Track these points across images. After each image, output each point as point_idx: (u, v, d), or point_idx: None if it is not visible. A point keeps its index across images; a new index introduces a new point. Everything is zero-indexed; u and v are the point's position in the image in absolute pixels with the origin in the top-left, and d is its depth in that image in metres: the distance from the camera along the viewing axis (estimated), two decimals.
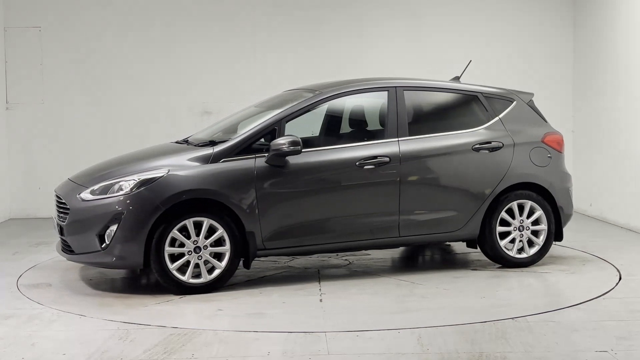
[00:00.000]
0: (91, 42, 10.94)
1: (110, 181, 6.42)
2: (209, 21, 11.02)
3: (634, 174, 9.31)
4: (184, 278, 6.30)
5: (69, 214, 6.46)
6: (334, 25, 11.13)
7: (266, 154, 6.52)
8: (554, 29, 11.25)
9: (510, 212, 7.17)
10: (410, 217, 6.88)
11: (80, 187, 6.57)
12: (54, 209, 6.86)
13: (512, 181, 7.15)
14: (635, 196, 9.28)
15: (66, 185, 6.87)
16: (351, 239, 6.79)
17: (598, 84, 10.43)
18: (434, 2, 11.20)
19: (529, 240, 7.22)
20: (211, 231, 6.36)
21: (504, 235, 7.17)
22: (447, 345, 4.94)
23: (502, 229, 7.15)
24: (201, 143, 6.82)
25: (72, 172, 7.38)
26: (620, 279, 6.79)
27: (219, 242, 6.40)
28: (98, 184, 6.45)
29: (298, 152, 6.50)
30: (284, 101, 7.09)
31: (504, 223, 7.17)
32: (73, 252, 6.51)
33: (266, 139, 6.64)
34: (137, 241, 6.19)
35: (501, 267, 7.22)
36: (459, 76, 7.82)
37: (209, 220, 6.32)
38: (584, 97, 10.95)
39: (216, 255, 6.41)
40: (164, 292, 6.40)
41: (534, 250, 7.23)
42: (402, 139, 6.93)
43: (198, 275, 6.36)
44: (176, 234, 6.27)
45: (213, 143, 6.69)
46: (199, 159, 6.49)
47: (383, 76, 7.89)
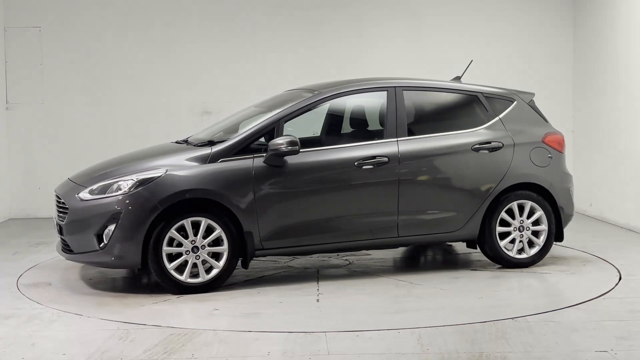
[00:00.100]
0: (91, 42, 10.94)
1: (108, 181, 6.42)
2: (209, 21, 11.02)
3: (634, 174, 9.31)
4: (181, 278, 6.31)
5: (67, 214, 6.48)
6: (334, 25, 11.13)
7: (264, 154, 6.52)
8: (554, 29, 11.25)
9: (511, 212, 7.16)
10: (409, 217, 6.88)
11: (79, 186, 6.57)
12: (54, 208, 6.87)
13: (512, 181, 7.14)
14: (635, 196, 9.27)
15: (66, 185, 6.87)
16: (350, 239, 6.78)
17: (598, 84, 10.43)
18: (434, 2, 11.20)
19: (529, 240, 7.20)
20: (209, 231, 6.36)
21: (505, 235, 7.16)
22: (447, 345, 4.94)
23: (502, 229, 7.14)
24: (200, 143, 6.82)
25: (72, 172, 7.39)
26: (620, 279, 6.79)
27: (217, 242, 6.40)
28: (97, 184, 6.45)
29: (296, 152, 6.49)
30: (284, 101, 7.08)
31: (504, 223, 7.16)
32: (72, 251, 6.52)
33: (265, 139, 6.64)
34: (135, 241, 6.20)
35: (501, 268, 7.21)
36: (460, 76, 7.81)
37: (206, 220, 6.32)
38: (584, 97, 10.95)
39: (214, 255, 6.41)
40: (161, 291, 6.40)
41: (534, 251, 7.22)
42: (401, 139, 6.92)
43: (196, 275, 6.36)
44: (174, 233, 6.27)
45: (212, 143, 6.69)
46: (197, 159, 6.48)
47: (383, 76, 7.89)
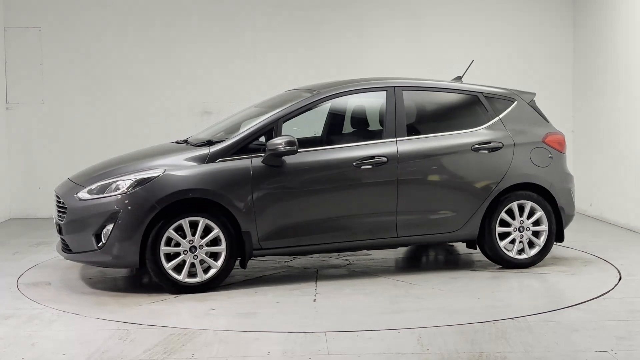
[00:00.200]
0: (91, 42, 10.94)
1: (107, 181, 6.43)
2: (209, 21, 11.02)
3: (634, 174, 9.31)
4: (179, 277, 6.31)
5: (66, 213, 6.48)
6: (334, 25, 11.13)
7: (263, 154, 6.53)
8: (554, 29, 11.25)
9: (511, 212, 7.14)
10: (408, 218, 6.86)
11: (78, 186, 6.58)
12: (54, 208, 6.87)
13: (512, 181, 7.12)
14: (635, 196, 9.27)
15: (65, 185, 6.88)
16: (348, 239, 6.77)
17: (598, 84, 10.43)
18: (434, 2, 11.20)
19: (529, 241, 7.19)
20: (207, 231, 6.36)
21: (505, 235, 7.15)
22: (447, 345, 4.94)
23: (502, 229, 7.13)
24: (199, 143, 6.83)
25: (72, 172, 7.39)
26: (620, 279, 6.78)
27: (215, 242, 6.40)
28: (95, 184, 6.46)
29: (294, 152, 6.49)
30: (284, 101, 7.07)
31: (505, 224, 7.15)
32: (71, 251, 6.53)
33: (265, 139, 6.62)
34: (133, 240, 6.20)
35: (501, 268, 7.20)
36: (461, 76, 7.80)
37: (204, 219, 6.33)
38: (584, 97, 10.95)
39: (212, 255, 6.41)
40: (159, 291, 6.41)
41: (534, 251, 7.20)
42: (400, 139, 6.91)
43: (194, 274, 6.37)
44: (172, 233, 6.28)
45: (210, 143, 6.69)
46: (195, 158, 6.49)
47: (383, 76, 7.88)
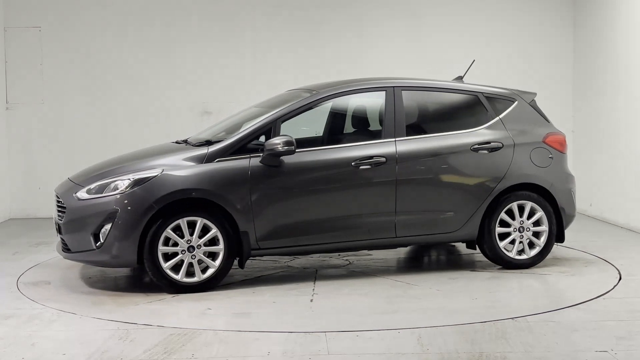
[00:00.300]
0: (91, 42, 10.94)
1: (106, 180, 6.44)
2: (208, 21, 11.02)
3: (634, 174, 9.31)
4: (177, 277, 6.31)
5: (65, 213, 6.49)
6: (334, 25, 11.13)
7: (261, 154, 6.53)
8: (554, 29, 11.25)
9: (511, 213, 7.14)
10: (407, 218, 6.85)
11: (77, 186, 6.59)
12: (54, 208, 6.87)
13: (512, 182, 7.11)
14: (635, 196, 9.27)
15: (65, 185, 6.89)
16: (347, 239, 6.76)
17: (598, 84, 10.43)
18: (434, 2, 11.19)
19: (529, 241, 7.18)
20: (205, 230, 6.36)
21: (505, 236, 7.13)
22: (447, 345, 4.94)
23: (502, 230, 7.12)
24: (198, 143, 6.83)
25: (72, 172, 7.39)
26: (620, 279, 6.78)
27: (213, 242, 6.40)
28: (94, 183, 6.47)
29: (292, 152, 6.49)
30: (284, 101, 7.06)
31: (505, 224, 7.13)
32: (70, 250, 6.54)
33: (265, 138, 6.63)
34: (131, 240, 6.21)
35: (501, 269, 7.20)
36: (462, 76, 7.79)
37: (202, 219, 6.33)
38: (584, 97, 10.94)
39: (210, 255, 6.41)
40: (156, 290, 6.41)
41: (534, 252, 7.18)
42: (399, 139, 6.90)
43: (192, 274, 6.37)
44: (170, 233, 6.28)
45: (209, 143, 6.69)
46: (193, 158, 6.49)
47: (382, 76, 7.88)
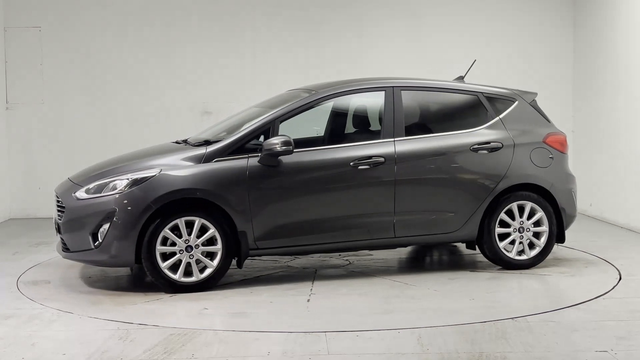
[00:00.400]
0: (91, 42, 10.94)
1: (104, 180, 6.45)
2: (208, 21, 11.01)
3: (634, 174, 9.31)
4: (175, 277, 6.32)
5: (64, 213, 6.50)
6: (334, 25, 11.13)
7: (259, 154, 6.53)
8: (554, 29, 11.25)
9: (511, 213, 7.12)
10: (406, 218, 6.84)
11: (76, 186, 6.60)
12: (54, 208, 6.88)
13: (512, 182, 7.09)
14: (635, 196, 9.27)
15: (64, 185, 6.90)
16: (345, 239, 6.76)
17: (598, 84, 10.43)
18: (434, 2, 11.20)
19: (530, 242, 7.17)
20: (203, 230, 6.37)
21: (505, 236, 7.12)
22: (447, 345, 4.94)
23: (502, 230, 7.10)
24: (196, 143, 6.83)
25: (72, 172, 7.39)
26: (620, 279, 6.78)
27: (211, 242, 6.40)
28: (93, 183, 6.49)
29: (290, 152, 6.49)
30: (284, 101, 7.06)
31: (505, 224, 7.12)
32: (69, 250, 6.55)
33: (264, 138, 6.63)
34: (129, 240, 6.22)
35: (501, 269, 7.19)
36: (463, 76, 7.78)
37: (200, 219, 6.33)
38: (584, 97, 10.94)
39: (208, 255, 6.41)
40: (154, 290, 6.41)
41: (534, 252, 7.16)
42: (398, 139, 6.90)
43: (190, 274, 6.37)
44: (168, 232, 6.28)
45: (207, 143, 6.69)
46: (192, 158, 6.49)
47: (382, 76, 7.87)
